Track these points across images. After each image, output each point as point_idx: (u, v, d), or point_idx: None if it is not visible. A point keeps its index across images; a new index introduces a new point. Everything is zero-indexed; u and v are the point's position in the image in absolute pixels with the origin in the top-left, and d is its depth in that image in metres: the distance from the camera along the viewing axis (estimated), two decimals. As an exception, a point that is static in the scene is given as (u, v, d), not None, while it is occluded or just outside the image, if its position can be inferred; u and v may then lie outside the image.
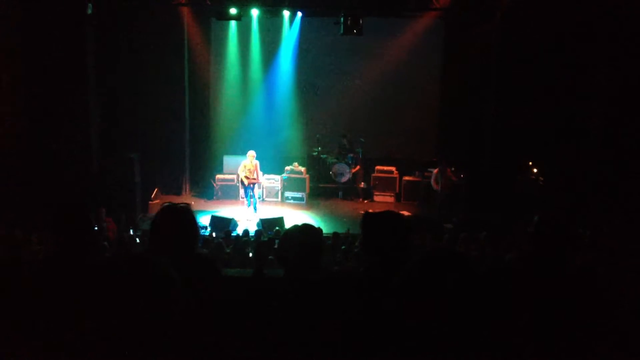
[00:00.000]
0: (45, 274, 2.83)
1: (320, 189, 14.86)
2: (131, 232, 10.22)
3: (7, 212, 9.46)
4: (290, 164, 14.31)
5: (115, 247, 8.14)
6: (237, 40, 15.10)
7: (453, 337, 1.47)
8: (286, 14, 14.59)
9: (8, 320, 2.51)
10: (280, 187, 14.13)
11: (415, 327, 1.49)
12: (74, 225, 2.94)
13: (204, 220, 11.65)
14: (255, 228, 11.06)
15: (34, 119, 11.21)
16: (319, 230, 3.05)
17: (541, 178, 12.48)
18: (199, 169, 15.03)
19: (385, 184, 14.60)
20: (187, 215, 2.89)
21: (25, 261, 4.98)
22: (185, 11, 14.04)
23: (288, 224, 11.12)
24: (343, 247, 8.45)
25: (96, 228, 8.94)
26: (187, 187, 14.77)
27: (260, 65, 15.36)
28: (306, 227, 2.89)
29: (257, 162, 12.65)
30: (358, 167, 14.52)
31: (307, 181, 14.18)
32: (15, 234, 8.00)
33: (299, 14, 14.59)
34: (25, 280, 2.76)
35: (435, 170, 13.02)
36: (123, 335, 1.46)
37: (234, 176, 13.66)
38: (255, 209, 12.67)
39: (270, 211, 12.91)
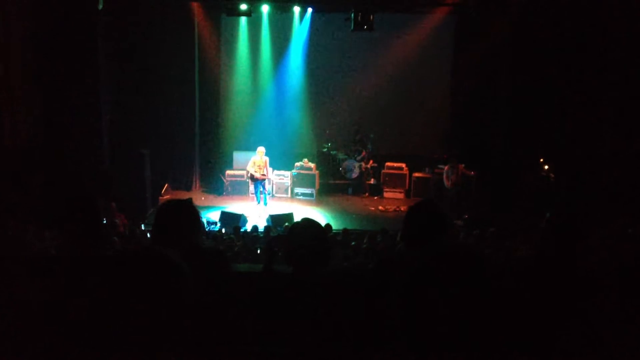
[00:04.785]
0: (57, 268, 2.85)
1: (329, 185, 14.86)
2: (142, 227, 10.27)
3: (19, 208, 9.52)
4: (299, 160, 14.34)
5: (126, 241, 8.18)
6: (248, 36, 15.11)
7: (464, 334, 1.47)
8: (297, 10, 14.56)
9: (21, 316, 2.52)
10: (289, 183, 14.14)
11: (427, 323, 1.48)
12: (83, 220, 2.96)
13: (213, 215, 11.69)
14: (265, 224, 11.08)
15: (46, 115, 11.27)
16: (328, 225, 3.04)
17: (552, 175, 12.40)
18: (208, 164, 15.06)
19: (395, 181, 14.58)
20: (188, 209, 2.90)
21: (37, 256, 5.02)
22: (196, 7, 14.06)
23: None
24: (353, 243, 8.45)
25: (106, 222, 8.99)
26: (197, 183, 14.82)
27: (270, 62, 15.36)
28: (309, 223, 2.89)
29: (267, 158, 12.67)
30: (371, 162, 14.52)
31: (317, 177, 14.18)
32: (28, 230, 8.04)
33: (310, 10, 14.57)
34: (38, 274, 2.78)
35: (446, 167, 12.99)
36: (133, 327, 1.46)
37: (244, 172, 13.67)
38: (265, 204, 12.69)
39: (279, 207, 12.93)
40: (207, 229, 9.99)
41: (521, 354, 2.17)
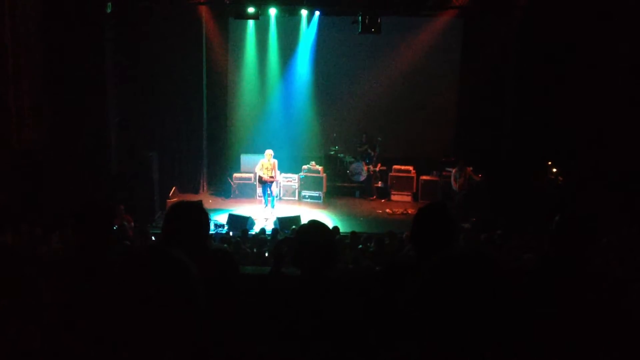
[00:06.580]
0: (66, 270, 2.86)
1: (337, 188, 14.85)
2: (150, 230, 10.29)
3: (28, 211, 9.56)
4: (307, 163, 14.32)
5: (134, 243, 8.20)
6: (255, 39, 15.13)
7: (473, 337, 1.46)
8: (304, 12, 14.58)
9: (28, 317, 2.53)
10: (297, 186, 14.14)
11: (435, 325, 1.48)
12: (94, 223, 2.96)
13: (221, 218, 11.70)
14: (272, 227, 11.09)
15: (53, 117, 11.32)
16: (335, 228, 3.04)
17: (560, 178, 12.35)
18: (216, 167, 15.09)
19: (403, 184, 14.55)
20: (199, 212, 2.90)
21: (45, 258, 5.04)
22: (204, 10, 14.09)
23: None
24: (360, 246, 8.45)
25: (116, 225, 9.02)
26: (205, 186, 14.85)
27: (277, 64, 15.38)
28: (317, 225, 2.88)
29: (275, 160, 12.68)
30: (379, 165, 14.50)
31: (324, 180, 14.17)
32: (36, 232, 8.07)
33: (317, 12, 14.59)
34: (47, 277, 2.79)
35: (453, 170, 12.97)
36: (139, 327, 1.46)
37: (252, 175, 13.71)
38: (272, 207, 12.70)
39: (287, 210, 12.94)
40: (214, 232, 9.99)
41: (525, 355, 2.16)
